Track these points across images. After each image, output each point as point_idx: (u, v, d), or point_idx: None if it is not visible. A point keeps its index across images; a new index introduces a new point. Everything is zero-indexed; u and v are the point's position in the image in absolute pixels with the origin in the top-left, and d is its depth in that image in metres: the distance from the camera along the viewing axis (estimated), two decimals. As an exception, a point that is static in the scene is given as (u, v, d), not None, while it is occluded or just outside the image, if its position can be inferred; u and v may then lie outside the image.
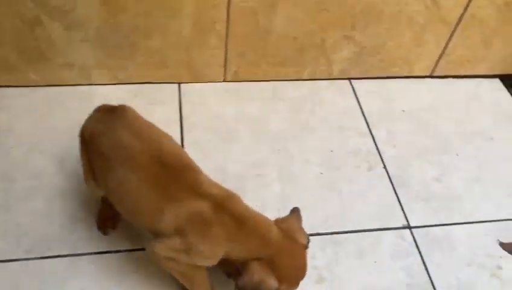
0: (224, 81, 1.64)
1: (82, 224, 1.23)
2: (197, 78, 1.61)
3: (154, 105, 1.55)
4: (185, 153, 1.04)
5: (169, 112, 1.55)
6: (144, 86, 1.60)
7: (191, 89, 1.62)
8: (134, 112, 1.07)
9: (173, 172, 0.96)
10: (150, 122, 1.07)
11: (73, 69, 1.51)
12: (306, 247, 0.97)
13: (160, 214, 0.94)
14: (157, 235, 0.97)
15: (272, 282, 0.91)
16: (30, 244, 1.17)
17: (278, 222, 0.98)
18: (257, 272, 0.91)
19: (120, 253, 1.18)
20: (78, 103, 1.52)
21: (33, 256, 1.15)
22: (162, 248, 0.97)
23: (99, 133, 1.02)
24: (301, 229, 0.99)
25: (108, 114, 1.05)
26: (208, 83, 1.63)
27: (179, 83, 1.62)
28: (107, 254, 1.18)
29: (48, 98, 1.52)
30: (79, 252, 1.17)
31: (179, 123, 1.51)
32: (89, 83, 1.56)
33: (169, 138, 1.05)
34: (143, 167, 0.96)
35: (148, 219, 0.98)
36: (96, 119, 1.06)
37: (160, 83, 1.60)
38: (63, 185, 1.30)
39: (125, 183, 0.97)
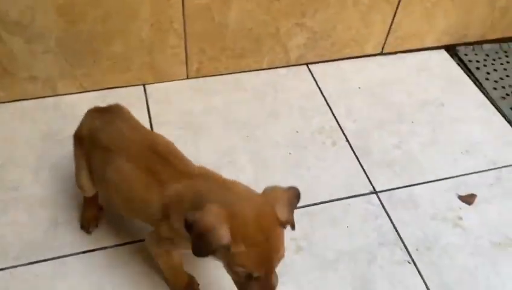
0: (187, 78, 1.70)
1: (65, 228, 1.27)
2: (161, 78, 1.67)
3: (122, 108, 1.59)
4: (174, 144, 1.07)
5: (138, 113, 1.54)
6: (110, 91, 1.64)
7: (156, 90, 1.67)
8: (127, 109, 1.13)
9: (164, 159, 0.99)
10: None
11: (38, 82, 1.54)
12: (282, 224, 0.86)
13: (151, 201, 0.96)
14: (153, 225, 1.02)
15: (224, 233, 0.80)
16: (17, 253, 1.20)
17: (266, 188, 0.91)
18: (211, 215, 0.81)
19: (106, 249, 1.23)
20: (46, 115, 1.55)
21: (21, 263, 1.18)
22: (153, 239, 1.01)
23: (97, 129, 1.06)
24: (287, 205, 0.88)
25: (103, 112, 1.10)
26: (172, 82, 1.69)
27: (144, 85, 1.67)
28: (93, 252, 1.22)
29: (15, 112, 1.55)
30: (65, 253, 1.21)
31: (148, 123, 1.56)
32: (55, 94, 1.59)
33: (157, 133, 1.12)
34: (138, 155, 1.00)
35: (142, 208, 1.00)
36: (93, 117, 1.10)
37: (125, 86, 1.65)
38: (41, 193, 1.34)
39: (122, 172, 1.00)
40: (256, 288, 0.86)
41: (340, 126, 1.61)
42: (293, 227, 0.89)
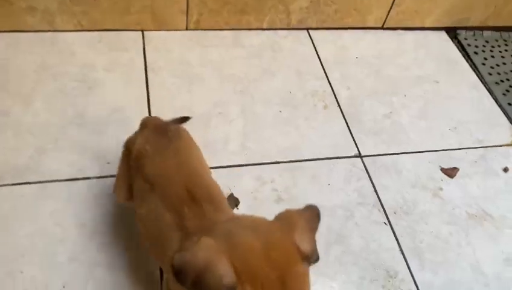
0: (186, 29, 1.70)
1: (51, 155, 1.27)
2: (160, 26, 1.66)
3: (119, 51, 1.59)
4: (219, 190, 0.91)
5: (134, 57, 1.59)
6: (108, 33, 1.63)
7: (154, 37, 1.67)
8: (187, 136, 0.97)
9: (196, 203, 0.82)
10: (196, 149, 0.98)
11: (36, 14, 1.53)
12: (306, 258, 0.63)
13: (167, 247, 0.81)
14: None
15: (224, 270, 0.59)
16: (1, 173, 1.21)
17: (277, 214, 0.71)
18: (205, 250, 0.61)
19: (89, 179, 1.24)
20: (42, 48, 1.55)
21: (4, 183, 1.20)
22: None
23: (146, 155, 0.92)
24: (308, 231, 0.66)
25: (160, 135, 0.94)
26: (171, 31, 1.69)
27: (143, 31, 1.67)
28: (76, 181, 1.24)
29: (11, 43, 1.54)
30: (49, 179, 1.22)
31: (143, 67, 1.56)
32: (53, 29, 1.58)
33: (208, 171, 0.97)
34: (173, 194, 0.85)
35: (160, 251, 0.85)
36: (146, 139, 0.94)
37: (124, 30, 1.65)
38: (30, 121, 1.34)
39: (152, 209, 0.86)
40: None
41: (333, 91, 1.62)
42: (316, 259, 0.65)
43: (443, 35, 1.96)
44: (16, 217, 1.14)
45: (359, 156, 1.45)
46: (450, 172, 1.45)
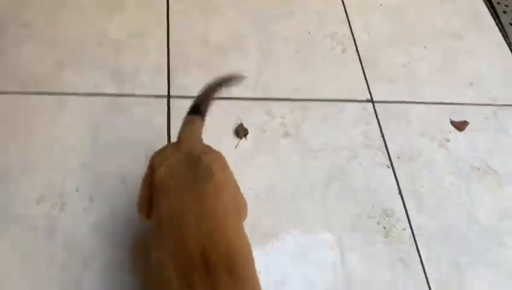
0: (211, -39, 1.68)
1: (70, 69, 1.32)
2: (186, -46, 1.65)
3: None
4: (244, 249, 0.79)
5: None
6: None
7: (179, -35, 1.66)
8: (220, 171, 0.84)
9: (211, 275, 0.71)
10: (227, 186, 0.85)
11: None
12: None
13: None
14: None
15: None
16: (23, 81, 1.26)
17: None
18: None
19: (107, 96, 1.29)
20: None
21: (27, 91, 1.25)
22: None
23: (167, 190, 0.82)
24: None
25: (188, 169, 0.83)
26: (196, -39, 1.67)
27: (168, -42, 1.66)
28: (94, 96, 1.28)
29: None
30: (68, 92, 1.27)
31: (166, -5, 1.57)
32: None
33: (239, 226, 0.83)
34: (184, 255, 0.73)
35: None
36: (172, 171, 0.83)
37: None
38: (53, 35, 1.38)
39: (159, 264, 0.76)
40: None
41: (353, 36, 1.61)
42: None
43: (473, -9, 1.90)
44: (35, 123, 1.20)
45: (371, 101, 1.45)
46: (460, 125, 1.46)
